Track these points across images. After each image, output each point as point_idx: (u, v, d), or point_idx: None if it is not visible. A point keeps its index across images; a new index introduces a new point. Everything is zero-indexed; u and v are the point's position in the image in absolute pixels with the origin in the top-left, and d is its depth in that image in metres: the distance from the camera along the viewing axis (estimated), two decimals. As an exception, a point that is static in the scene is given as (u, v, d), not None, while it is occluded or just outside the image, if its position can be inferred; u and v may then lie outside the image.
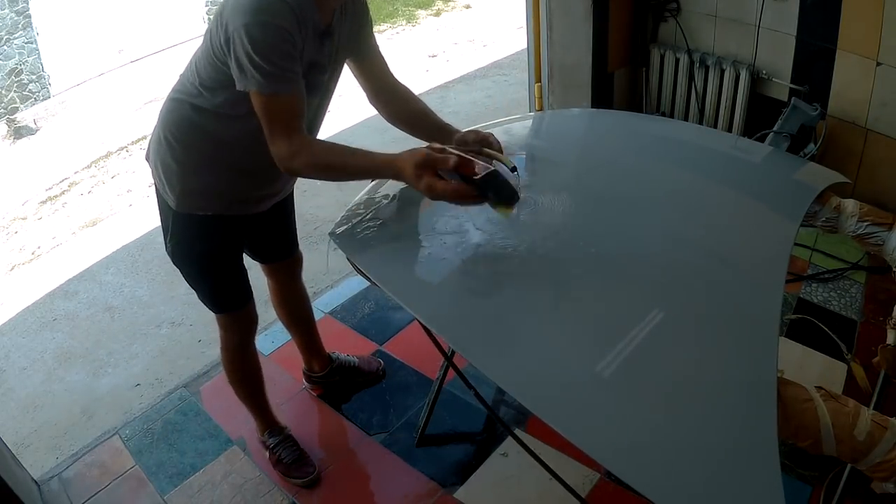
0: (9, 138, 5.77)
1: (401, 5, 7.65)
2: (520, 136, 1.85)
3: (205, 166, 1.43)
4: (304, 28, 1.23)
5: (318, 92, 1.41)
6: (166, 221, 1.52)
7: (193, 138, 1.40)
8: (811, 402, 1.01)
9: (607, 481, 1.72)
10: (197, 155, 1.42)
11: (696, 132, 2.17)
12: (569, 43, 3.15)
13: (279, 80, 1.20)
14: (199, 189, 1.45)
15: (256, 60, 1.18)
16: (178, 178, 1.44)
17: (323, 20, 1.30)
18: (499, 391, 2.03)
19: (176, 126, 1.41)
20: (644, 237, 1.30)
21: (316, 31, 1.28)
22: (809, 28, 2.59)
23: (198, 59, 1.34)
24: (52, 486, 1.90)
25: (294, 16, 1.19)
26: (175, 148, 1.42)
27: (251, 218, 1.58)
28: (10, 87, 6.30)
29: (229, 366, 1.76)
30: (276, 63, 1.19)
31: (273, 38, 1.17)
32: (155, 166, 1.48)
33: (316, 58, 1.32)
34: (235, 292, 1.64)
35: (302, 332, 2.03)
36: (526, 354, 1.07)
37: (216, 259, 1.58)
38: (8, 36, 6.30)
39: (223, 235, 1.55)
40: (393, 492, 1.78)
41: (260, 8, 1.17)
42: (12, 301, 3.22)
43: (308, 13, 1.24)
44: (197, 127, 1.38)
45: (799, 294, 2.35)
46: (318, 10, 1.27)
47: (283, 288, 1.91)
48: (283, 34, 1.18)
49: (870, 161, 2.56)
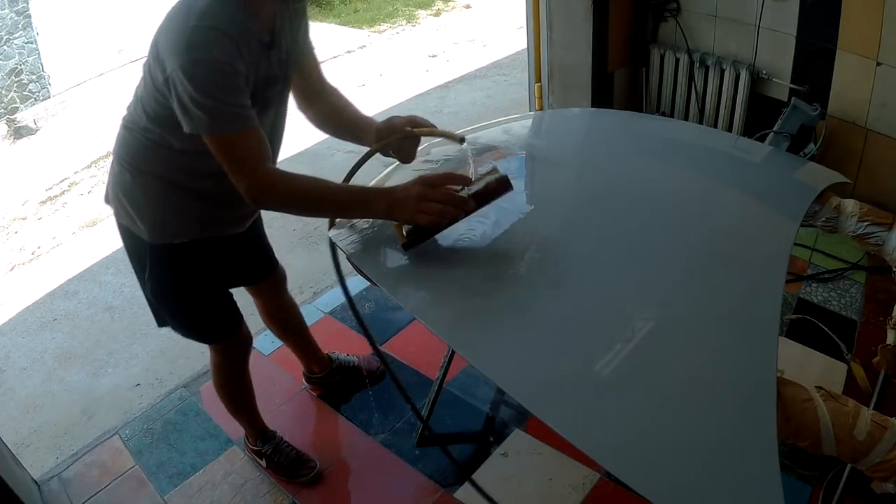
0: (9, 138, 5.77)
1: (401, 5, 7.65)
2: (519, 135, 1.85)
3: (170, 191, 1.37)
4: (246, 49, 1.15)
5: (274, 104, 1.34)
6: (141, 259, 1.45)
7: (153, 165, 1.34)
8: (811, 402, 1.01)
9: (607, 481, 1.72)
10: (160, 181, 1.35)
11: (696, 132, 2.16)
12: (569, 43, 3.15)
13: (229, 119, 1.13)
14: (171, 215, 1.39)
15: (200, 101, 1.10)
16: (147, 206, 1.38)
17: (265, 29, 1.22)
18: (499, 391, 2.03)
19: (133, 156, 1.34)
20: (644, 237, 1.30)
21: (261, 45, 1.21)
22: (809, 28, 2.59)
23: (141, 94, 1.27)
24: (52, 486, 1.90)
25: (231, 42, 1.11)
26: (137, 177, 1.36)
27: (228, 240, 1.52)
28: (10, 87, 6.30)
29: (221, 384, 1.73)
30: (221, 100, 1.11)
31: (213, 74, 1.09)
32: (120, 203, 1.41)
33: (267, 72, 1.25)
34: (225, 319, 1.59)
35: (296, 341, 2.01)
36: (525, 354, 1.07)
37: (200, 287, 1.52)
38: (8, 36, 6.30)
39: (203, 262, 1.49)
40: (393, 492, 1.78)
41: (192, 44, 1.09)
42: (12, 301, 3.22)
43: (247, 30, 1.16)
44: (154, 153, 1.31)
45: (799, 294, 2.35)
46: (256, 21, 1.19)
47: (270, 305, 1.87)
48: (223, 68, 1.10)
49: (870, 161, 2.56)
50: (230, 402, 1.78)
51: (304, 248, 2.95)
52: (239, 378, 1.73)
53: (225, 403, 1.78)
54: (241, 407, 1.80)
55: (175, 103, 1.14)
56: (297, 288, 2.70)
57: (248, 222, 1.56)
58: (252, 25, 1.17)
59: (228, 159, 1.17)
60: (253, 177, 1.17)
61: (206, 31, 1.09)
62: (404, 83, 5.26)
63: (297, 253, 3.01)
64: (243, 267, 1.70)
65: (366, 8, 7.68)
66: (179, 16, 1.13)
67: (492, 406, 2.01)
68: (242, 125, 1.15)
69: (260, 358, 2.01)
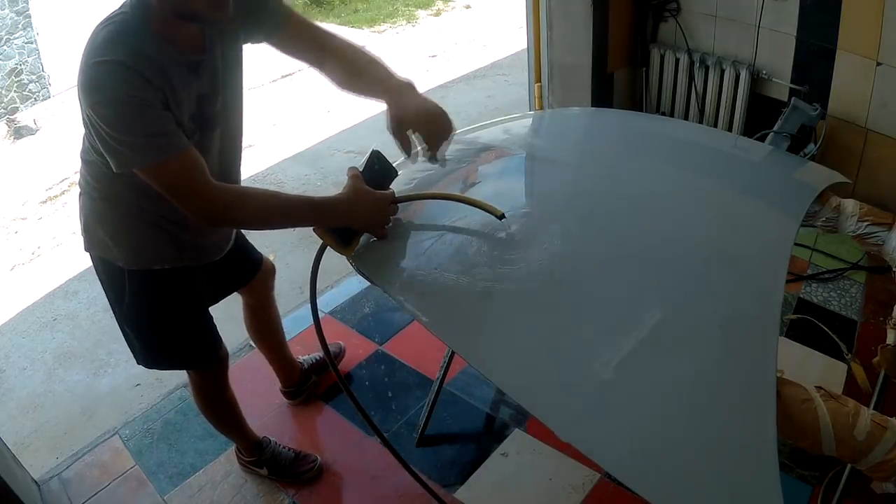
0: (9, 138, 5.77)
1: (401, 5, 7.64)
2: (519, 135, 1.85)
3: (143, 216, 1.33)
4: (157, 75, 1.10)
5: (218, 122, 1.29)
6: (118, 288, 1.41)
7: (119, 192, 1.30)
8: (811, 402, 1.01)
9: (607, 481, 1.72)
10: (126, 208, 1.32)
11: (696, 131, 2.16)
12: (569, 43, 3.15)
13: (153, 149, 1.09)
14: (147, 240, 1.36)
15: (120, 138, 1.07)
16: (123, 232, 1.35)
17: (188, 49, 1.18)
18: (499, 391, 2.03)
19: (99, 183, 1.31)
20: (643, 237, 1.30)
21: (185, 67, 1.17)
22: (809, 28, 2.59)
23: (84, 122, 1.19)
24: (52, 486, 1.90)
25: (134, 73, 1.06)
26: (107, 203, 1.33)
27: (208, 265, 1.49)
28: (10, 87, 6.30)
29: (206, 405, 1.69)
30: (141, 134, 1.08)
31: (126, 111, 1.06)
32: (93, 231, 1.37)
33: (199, 90, 1.21)
34: (206, 343, 1.56)
35: (271, 346, 1.96)
36: (525, 355, 1.07)
37: (180, 314, 1.48)
38: (8, 36, 6.29)
39: (182, 288, 1.45)
40: (393, 492, 1.78)
41: (100, 84, 1.06)
42: (12, 301, 3.22)
43: (157, 56, 1.11)
44: (117, 181, 1.26)
45: (799, 294, 2.35)
46: (174, 46, 1.15)
47: (256, 302, 1.83)
48: (131, 101, 1.06)
49: (870, 161, 2.56)
50: (217, 422, 1.75)
51: (305, 248, 2.95)
52: (221, 396, 1.69)
53: (212, 423, 1.75)
54: (228, 423, 1.77)
55: (98, 142, 1.11)
56: (297, 288, 2.70)
57: (226, 247, 1.52)
58: (165, 49, 1.13)
59: (166, 187, 1.14)
60: (200, 198, 1.14)
61: (108, 66, 1.06)
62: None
63: (296, 253, 3.00)
64: (227, 277, 1.66)
65: (366, 8, 7.67)
66: (85, 52, 1.09)
67: (492, 406, 2.01)
68: (168, 151, 1.10)
69: (259, 358, 2.00)
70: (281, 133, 4.29)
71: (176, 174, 1.13)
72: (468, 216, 1.34)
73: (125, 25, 1.11)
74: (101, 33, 1.10)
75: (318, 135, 4.32)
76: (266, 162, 3.95)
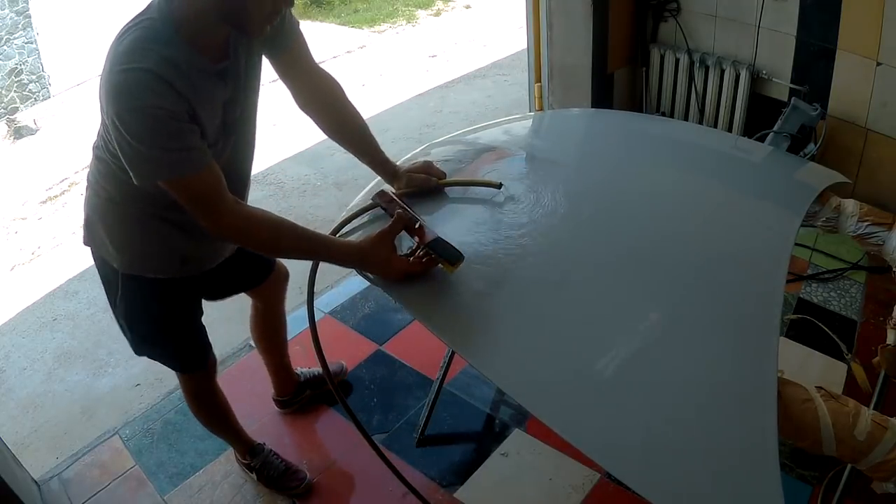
0: (9, 138, 5.76)
1: (401, 5, 7.64)
2: (520, 135, 1.85)
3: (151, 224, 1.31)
4: (184, 83, 1.06)
5: (234, 128, 1.26)
6: (113, 282, 1.39)
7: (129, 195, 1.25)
8: (811, 402, 1.02)
9: (607, 481, 1.72)
10: (131, 213, 1.30)
11: (696, 132, 2.17)
12: (569, 43, 3.15)
13: (177, 164, 1.06)
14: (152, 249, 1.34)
15: (143, 150, 1.04)
16: (122, 235, 1.33)
17: (214, 55, 1.14)
18: (499, 391, 2.03)
19: (108, 184, 1.27)
20: (644, 237, 1.30)
21: (208, 74, 1.13)
22: (809, 28, 2.59)
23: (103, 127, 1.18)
24: (52, 486, 1.90)
25: (163, 83, 1.03)
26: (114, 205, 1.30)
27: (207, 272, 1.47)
28: (10, 87, 6.30)
29: (198, 409, 1.68)
30: (165, 148, 1.04)
31: (150, 122, 1.02)
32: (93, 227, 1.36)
33: (222, 98, 1.18)
34: (196, 350, 1.55)
35: (273, 355, 1.95)
36: (525, 355, 1.07)
37: (172, 321, 1.47)
38: (8, 36, 6.29)
39: (177, 298, 1.44)
40: (393, 492, 1.78)
41: (126, 91, 1.02)
42: (12, 301, 3.22)
43: (184, 63, 1.07)
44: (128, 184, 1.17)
45: (799, 294, 2.35)
46: (202, 53, 1.11)
47: (265, 308, 1.82)
48: (161, 114, 1.02)
49: (870, 161, 2.56)
50: (210, 424, 1.75)
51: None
52: (211, 400, 1.68)
53: (206, 426, 1.75)
54: (221, 426, 1.76)
55: (118, 150, 1.08)
56: (297, 288, 2.69)
57: (227, 255, 1.50)
58: (194, 57, 1.09)
59: (185, 200, 1.12)
60: (217, 214, 1.13)
61: (136, 74, 1.02)
62: (404, 83, 5.26)
63: (297, 253, 2.99)
64: (236, 277, 1.65)
65: (366, 8, 7.67)
66: (109, 57, 1.06)
67: (492, 406, 2.01)
68: (190, 168, 1.08)
69: (260, 359, 2.00)
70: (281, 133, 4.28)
71: (195, 189, 1.11)
72: (468, 216, 1.35)
73: (153, 32, 1.06)
74: (126, 38, 1.06)
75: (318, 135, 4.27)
76: (266, 162, 3.94)
